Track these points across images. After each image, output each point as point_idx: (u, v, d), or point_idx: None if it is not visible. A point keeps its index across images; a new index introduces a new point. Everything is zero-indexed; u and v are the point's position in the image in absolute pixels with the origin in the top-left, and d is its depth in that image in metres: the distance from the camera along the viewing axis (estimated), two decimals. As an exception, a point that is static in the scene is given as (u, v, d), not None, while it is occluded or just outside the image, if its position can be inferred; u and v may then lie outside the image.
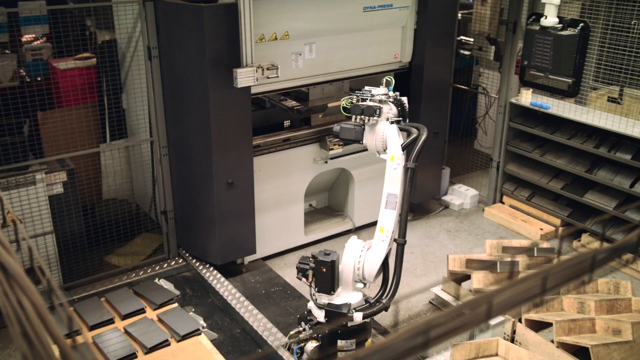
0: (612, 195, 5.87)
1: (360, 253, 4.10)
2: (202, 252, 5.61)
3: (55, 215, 5.09)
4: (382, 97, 4.30)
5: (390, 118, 4.25)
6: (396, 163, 4.13)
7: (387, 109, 4.26)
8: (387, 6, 5.75)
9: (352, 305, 4.08)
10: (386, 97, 4.33)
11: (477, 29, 7.20)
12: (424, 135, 4.14)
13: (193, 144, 5.25)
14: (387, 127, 4.22)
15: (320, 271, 4.04)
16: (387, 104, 4.27)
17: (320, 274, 4.05)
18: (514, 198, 6.73)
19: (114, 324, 4.58)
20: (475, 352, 4.16)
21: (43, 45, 5.62)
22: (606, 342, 4.08)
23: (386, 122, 4.22)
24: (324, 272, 4.04)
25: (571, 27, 5.53)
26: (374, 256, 4.07)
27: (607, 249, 1.60)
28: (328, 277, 4.04)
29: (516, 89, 6.49)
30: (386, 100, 4.30)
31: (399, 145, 4.14)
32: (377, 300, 4.18)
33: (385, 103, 4.27)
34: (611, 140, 5.85)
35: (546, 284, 1.44)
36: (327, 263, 4.01)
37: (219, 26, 4.80)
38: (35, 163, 4.96)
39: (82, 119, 5.63)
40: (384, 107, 4.23)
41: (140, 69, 5.35)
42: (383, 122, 4.22)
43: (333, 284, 4.07)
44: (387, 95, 4.35)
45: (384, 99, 4.29)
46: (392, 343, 1.17)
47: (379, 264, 4.06)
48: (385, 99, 4.30)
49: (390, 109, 4.28)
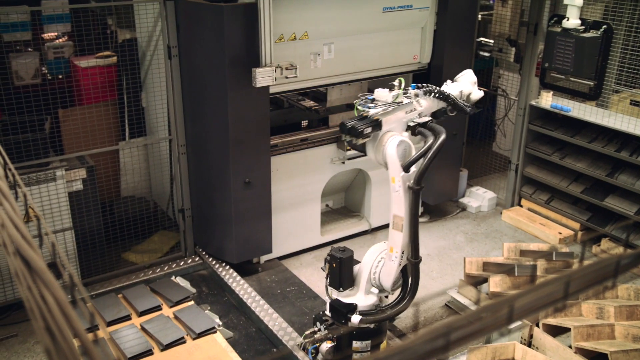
0: (633, 200, 5.79)
1: (379, 260, 4.09)
2: (219, 251, 5.63)
3: (74, 212, 5.15)
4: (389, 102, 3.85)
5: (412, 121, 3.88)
6: (397, 185, 3.81)
7: (397, 116, 3.85)
8: (407, 7, 5.73)
9: (360, 307, 4.07)
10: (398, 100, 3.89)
11: (498, 31, 7.14)
12: (433, 147, 3.72)
13: (211, 143, 5.28)
14: (388, 142, 3.79)
15: (332, 266, 4.13)
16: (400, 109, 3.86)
17: (331, 268, 4.14)
18: (533, 201, 6.66)
19: (130, 321, 4.61)
20: (491, 356, 4.12)
21: (65, 43, 5.69)
22: (626, 349, 4.01)
23: (390, 135, 3.81)
24: (334, 267, 4.13)
25: (594, 29, 5.46)
26: (385, 273, 4.05)
27: (631, 254, 1.57)
28: (337, 272, 4.12)
29: (536, 91, 6.43)
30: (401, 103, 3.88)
31: (398, 165, 3.76)
32: (383, 310, 4.13)
33: (398, 108, 3.86)
34: (633, 144, 5.77)
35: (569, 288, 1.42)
36: (337, 259, 4.10)
37: (238, 26, 4.82)
38: (55, 160, 5.01)
39: (102, 117, 5.69)
40: (392, 115, 3.81)
41: (160, 67, 5.39)
42: (388, 134, 3.82)
43: (341, 281, 4.11)
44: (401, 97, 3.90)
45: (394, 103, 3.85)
46: (412, 345, 1.16)
47: (391, 280, 4.03)
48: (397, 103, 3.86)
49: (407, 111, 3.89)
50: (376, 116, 3.77)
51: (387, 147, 3.78)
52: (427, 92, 4.00)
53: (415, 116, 3.93)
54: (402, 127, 3.91)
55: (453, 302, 5.19)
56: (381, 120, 3.78)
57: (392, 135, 3.81)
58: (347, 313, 4.06)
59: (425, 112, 3.99)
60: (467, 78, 4.38)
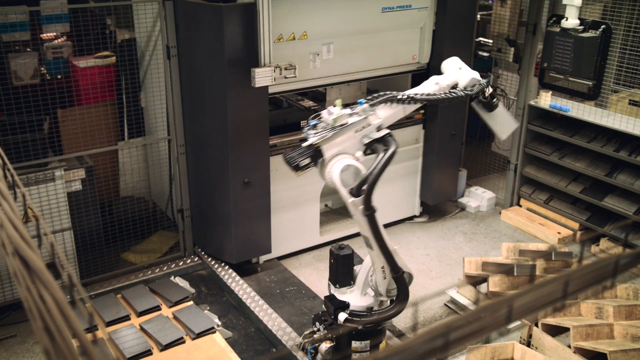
0: (632, 200, 5.79)
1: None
2: (218, 251, 5.63)
3: (73, 212, 5.14)
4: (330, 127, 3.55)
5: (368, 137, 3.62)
6: (351, 211, 3.65)
7: (342, 139, 3.58)
8: (406, 7, 5.73)
9: (353, 307, 4.07)
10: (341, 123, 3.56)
11: (497, 30, 7.15)
12: (379, 165, 3.51)
13: (210, 143, 5.28)
14: (333, 168, 3.58)
15: (331, 262, 4.18)
16: (345, 131, 3.60)
17: (330, 264, 4.19)
18: (532, 201, 6.66)
19: (129, 321, 4.61)
20: (490, 356, 4.12)
21: (64, 43, 5.68)
22: (625, 349, 4.02)
23: (338, 159, 3.60)
24: (332, 263, 4.16)
25: (592, 29, 5.47)
26: (377, 283, 4.04)
27: (630, 254, 1.57)
28: (334, 268, 4.15)
29: (535, 91, 6.43)
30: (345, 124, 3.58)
31: (345, 192, 3.59)
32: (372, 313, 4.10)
33: (342, 130, 3.59)
34: (632, 144, 5.77)
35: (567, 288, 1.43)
36: (333, 255, 4.15)
37: (237, 26, 4.82)
38: (54, 160, 5.01)
39: (101, 117, 5.68)
40: (334, 140, 3.56)
41: (159, 67, 5.38)
42: (336, 158, 3.60)
43: (338, 277, 4.11)
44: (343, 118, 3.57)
45: (336, 127, 3.55)
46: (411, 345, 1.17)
47: (384, 288, 4.00)
48: (339, 126, 3.56)
49: (358, 129, 3.62)
50: (315, 144, 3.57)
51: (332, 174, 3.60)
52: (382, 102, 3.72)
53: (372, 130, 3.68)
54: (357, 146, 3.68)
55: (452, 302, 5.20)
56: (321, 148, 3.59)
57: (339, 160, 3.60)
58: (335, 309, 4.08)
59: (387, 122, 3.75)
60: (449, 66, 4.17)
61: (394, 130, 6.07)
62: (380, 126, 3.71)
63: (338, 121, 3.57)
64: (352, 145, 3.66)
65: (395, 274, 3.89)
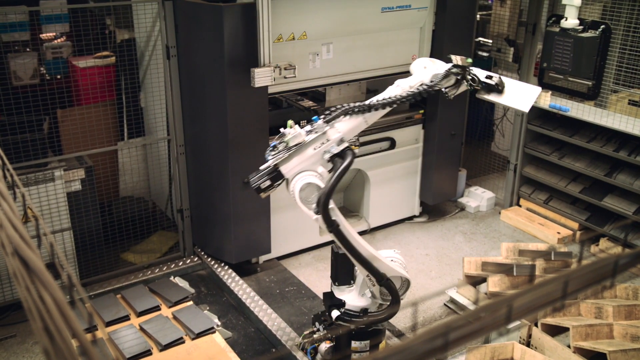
0: (632, 200, 5.79)
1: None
2: (218, 251, 5.63)
3: (73, 212, 5.14)
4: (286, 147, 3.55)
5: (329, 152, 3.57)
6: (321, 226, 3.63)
7: (300, 158, 3.57)
8: (406, 7, 5.73)
9: (348, 306, 4.08)
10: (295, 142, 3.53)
11: (496, 30, 7.15)
12: (331, 179, 3.45)
13: (210, 143, 5.28)
14: (294, 187, 3.57)
15: (331, 258, 4.17)
16: (301, 150, 3.57)
17: (331, 261, 4.18)
18: (531, 201, 6.67)
19: (129, 321, 4.61)
20: (490, 356, 4.13)
21: (63, 43, 5.68)
22: (624, 348, 4.02)
23: (299, 177, 3.59)
24: (332, 261, 4.15)
25: (592, 29, 5.47)
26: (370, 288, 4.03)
27: (630, 254, 1.57)
28: (334, 266, 4.15)
29: (535, 91, 6.43)
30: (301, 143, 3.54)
31: (307, 211, 3.59)
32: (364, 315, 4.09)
33: (297, 150, 3.56)
34: (631, 144, 5.77)
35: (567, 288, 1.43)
36: (334, 253, 4.13)
37: (237, 26, 4.82)
38: (54, 160, 5.01)
39: (100, 117, 5.68)
40: (292, 160, 3.56)
41: (158, 67, 5.38)
42: (298, 176, 3.59)
43: (336, 275, 4.13)
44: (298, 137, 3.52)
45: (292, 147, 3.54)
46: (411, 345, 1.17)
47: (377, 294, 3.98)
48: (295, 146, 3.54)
49: (317, 146, 3.58)
50: (273, 165, 3.58)
51: (294, 193, 3.59)
52: (339, 116, 3.63)
53: (333, 145, 3.60)
54: (319, 163, 3.63)
55: (452, 302, 5.20)
56: (279, 169, 3.59)
57: (300, 178, 3.59)
58: (330, 306, 4.10)
59: (349, 135, 3.67)
60: (414, 67, 4.04)
61: (392, 130, 6.15)
62: (342, 139, 3.63)
63: (292, 141, 3.54)
64: (315, 162, 3.62)
65: (379, 282, 3.83)
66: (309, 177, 3.57)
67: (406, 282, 4.01)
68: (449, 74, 3.82)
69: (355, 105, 3.64)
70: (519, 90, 4.06)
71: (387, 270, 3.88)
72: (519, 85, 4.09)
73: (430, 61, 4.06)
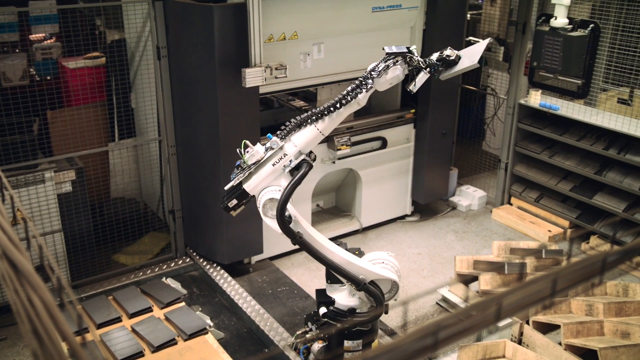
0: (622, 197, 5.84)
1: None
2: (210, 252, 5.62)
3: (63, 214, 5.12)
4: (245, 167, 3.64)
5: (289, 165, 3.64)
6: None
7: (260, 175, 3.65)
8: (396, 7, 5.74)
9: (337, 305, 4.08)
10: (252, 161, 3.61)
11: (486, 30, 7.18)
12: (284, 191, 3.54)
13: (201, 144, 5.27)
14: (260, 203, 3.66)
15: None
16: (261, 168, 3.66)
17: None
18: (522, 199, 6.70)
19: (121, 323, 4.59)
20: (482, 354, 4.14)
21: (53, 44, 5.65)
22: (614, 345, 4.05)
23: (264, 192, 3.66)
24: None
25: (581, 28, 5.51)
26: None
27: (618, 251, 1.59)
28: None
29: (525, 90, 6.47)
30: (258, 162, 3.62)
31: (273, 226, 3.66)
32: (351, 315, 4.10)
33: (256, 168, 3.65)
34: (621, 142, 5.82)
35: (556, 286, 1.44)
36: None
37: (228, 26, 4.81)
38: (44, 162, 4.98)
39: (91, 118, 5.66)
40: (252, 178, 3.66)
41: (149, 68, 5.37)
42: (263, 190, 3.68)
43: (329, 273, 4.11)
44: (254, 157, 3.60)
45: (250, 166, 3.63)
46: (401, 343, 1.17)
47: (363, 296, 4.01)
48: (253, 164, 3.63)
49: (276, 161, 3.65)
50: (237, 184, 3.69)
51: (260, 210, 3.69)
52: (292, 130, 3.67)
53: (291, 158, 3.65)
54: (282, 177, 3.70)
55: (444, 300, 5.21)
56: (243, 186, 3.68)
57: (263, 195, 3.67)
58: (319, 303, 4.12)
59: (307, 147, 3.69)
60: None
61: (384, 129, 6.16)
62: (301, 152, 3.67)
63: (250, 160, 3.62)
64: (277, 177, 3.69)
65: (357, 288, 3.85)
66: (271, 193, 3.65)
67: (396, 284, 4.01)
68: (386, 61, 3.73)
69: (304, 116, 3.68)
70: (469, 53, 4.01)
71: (368, 274, 3.88)
72: (468, 50, 4.04)
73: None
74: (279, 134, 3.69)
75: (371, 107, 6.46)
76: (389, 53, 3.73)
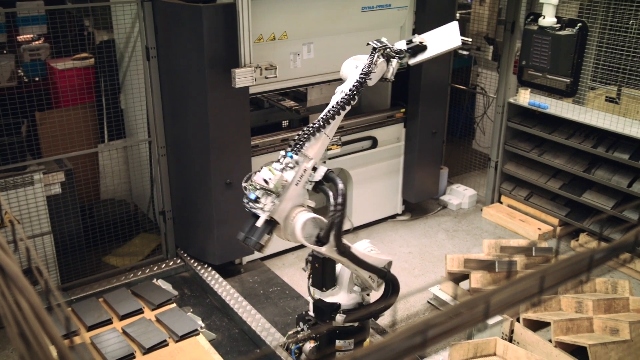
0: (610, 195, 5.88)
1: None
2: (201, 252, 5.60)
3: (53, 216, 5.08)
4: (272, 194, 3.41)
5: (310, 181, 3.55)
6: (327, 253, 3.61)
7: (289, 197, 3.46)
8: (386, 6, 5.76)
9: (343, 306, 4.08)
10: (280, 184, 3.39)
11: (476, 29, 7.21)
12: (337, 207, 3.44)
13: (191, 144, 5.25)
14: (295, 227, 3.44)
15: (314, 266, 4.09)
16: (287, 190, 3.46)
17: (314, 269, 4.10)
18: (512, 198, 6.73)
19: (112, 325, 4.57)
20: (473, 352, 4.16)
21: (41, 45, 5.61)
22: (604, 342, 4.08)
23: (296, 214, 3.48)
24: (316, 267, 4.09)
25: (569, 27, 5.54)
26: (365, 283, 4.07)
27: (605, 248, 1.60)
28: (320, 273, 4.08)
29: (514, 89, 6.50)
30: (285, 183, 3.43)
31: (313, 246, 3.53)
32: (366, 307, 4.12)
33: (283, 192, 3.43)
34: (609, 140, 5.86)
35: (544, 283, 1.45)
36: (319, 259, 4.04)
37: (217, 26, 4.80)
38: (33, 163, 4.95)
39: (80, 119, 5.63)
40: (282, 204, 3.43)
41: (138, 69, 5.34)
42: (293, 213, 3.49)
43: (324, 281, 4.09)
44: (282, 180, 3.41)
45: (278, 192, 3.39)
46: (390, 343, 1.17)
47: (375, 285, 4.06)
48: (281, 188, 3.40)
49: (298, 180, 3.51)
50: (270, 217, 3.44)
51: (295, 236, 3.47)
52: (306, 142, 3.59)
53: (310, 174, 3.59)
54: (304, 195, 3.60)
55: (435, 299, 5.23)
56: (272, 217, 3.45)
57: (295, 219, 3.48)
58: (330, 313, 4.06)
59: (318, 157, 3.65)
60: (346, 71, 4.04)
61: (374, 129, 6.16)
62: (315, 165, 3.61)
63: (279, 185, 3.41)
64: (299, 196, 3.55)
65: (383, 277, 3.98)
66: (304, 215, 3.49)
67: (390, 263, 4.10)
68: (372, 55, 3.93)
69: (313, 124, 3.65)
70: (440, 35, 4.07)
71: (380, 263, 3.96)
72: (436, 32, 4.10)
73: (355, 59, 4.09)
74: (293, 150, 3.57)
75: (361, 107, 6.47)
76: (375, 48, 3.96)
